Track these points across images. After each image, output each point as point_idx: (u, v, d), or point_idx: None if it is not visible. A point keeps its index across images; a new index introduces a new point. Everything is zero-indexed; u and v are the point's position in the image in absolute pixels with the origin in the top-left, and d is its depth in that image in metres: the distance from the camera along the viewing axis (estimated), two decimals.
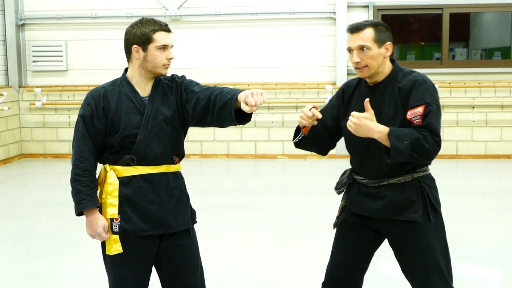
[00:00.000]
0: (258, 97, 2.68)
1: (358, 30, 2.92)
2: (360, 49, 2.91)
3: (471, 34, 11.80)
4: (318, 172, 9.09)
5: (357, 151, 3.02)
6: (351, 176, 3.11)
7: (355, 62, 2.93)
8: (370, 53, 2.90)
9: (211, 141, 10.09)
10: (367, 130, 2.80)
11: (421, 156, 2.77)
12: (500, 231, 5.89)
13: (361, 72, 2.95)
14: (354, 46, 2.92)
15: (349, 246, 3.10)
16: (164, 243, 2.97)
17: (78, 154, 2.88)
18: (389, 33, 2.97)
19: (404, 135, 2.75)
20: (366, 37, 2.91)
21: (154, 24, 2.88)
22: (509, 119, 9.61)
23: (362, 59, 2.91)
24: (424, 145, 2.75)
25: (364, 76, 2.97)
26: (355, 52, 2.92)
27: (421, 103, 2.81)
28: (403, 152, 2.74)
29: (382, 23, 2.99)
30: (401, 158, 2.77)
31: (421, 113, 2.80)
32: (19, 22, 10.22)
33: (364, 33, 2.91)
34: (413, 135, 2.75)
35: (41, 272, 4.93)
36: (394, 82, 2.95)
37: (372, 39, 2.90)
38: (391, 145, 2.75)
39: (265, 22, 9.93)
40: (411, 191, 2.93)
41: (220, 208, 6.94)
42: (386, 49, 2.94)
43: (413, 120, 2.81)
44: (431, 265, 2.95)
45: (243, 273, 4.84)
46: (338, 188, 3.17)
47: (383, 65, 2.96)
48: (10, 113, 10.09)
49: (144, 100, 2.92)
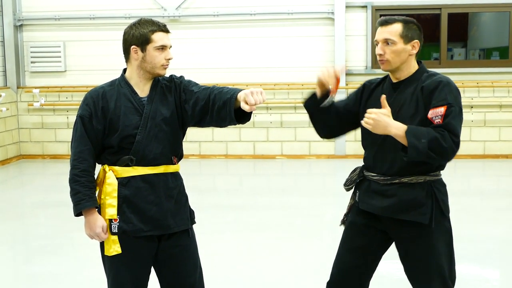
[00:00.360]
0: (258, 96, 2.68)
1: (388, 24, 2.94)
2: (385, 42, 2.92)
3: (469, 34, 11.81)
4: (317, 173, 9.09)
5: (372, 147, 3.01)
6: (361, 173, 3.10)
7: (378, 54, 2.95)
8: (394, 47, 2.91)
9: (210, 142, 10.09)
10: (384, 127, 2.79)
11: (438, 155, 2.75)
12: (498, 231, 5.90)
13: (382, 65, 2.97)
14: (379, 39, 2.95)
15: (356, 248, 3.09)
16: (163, 244, 2.97)
17: (77, 155, 2.88)
18: (419, 32, 2.98)
19: (422, 133, 2.74)
20: (393, 31, 2.92)
21: (153, 24, 2.88)
22: (507, 119, 9.62)
23: (385, 52, 2.92)
24: (442, 145, 2.73)
25: (384, 69, 2.98)
26: (380, 44, 2.94)
27: (444, 104, 2.79)
28: (420, 150, 2.72)
29: (414, 21, 2.98)
30: (418, 156, 2.74)
31: (442, 113, 2.78)
32: (17, 22, 10.22)
33: (392, 27, 2.92)
34: (431, 134, 2.73)
35: (39, 273, 4.93)
36: (418, 81, 2.95)
37: (399, 34, 2.91)
38: (408, 143, 2.73)
39: (263, 23, 9.93)
40: (421, 192, 2.91)
41: (218, 209, 6.94)
42: (412, 46, 2.94)
43: (434, 120, 2.79)
44: (433, 269, 2.93)
45: (242, 274, 4.83)
46: (347, 184, 3.16)
47: (408, 63, 2.96)
48: (8, 114, 10.08)
49: (143, 100, 2.92)
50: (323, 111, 3.10)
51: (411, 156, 2.74)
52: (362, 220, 3.08)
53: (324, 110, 3.10)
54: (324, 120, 3.15)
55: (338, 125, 3.18)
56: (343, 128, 3.21)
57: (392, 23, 2.93)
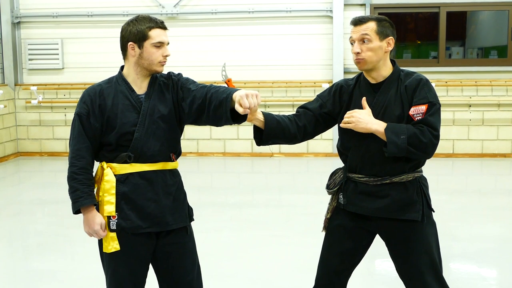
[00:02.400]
0: (252, 99, 2.67)
1: (362, 23, 2.95)
2: (361, 40, 2.93)
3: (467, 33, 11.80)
4: (315, 171, 9.10)
5: (358, 149, 3.00)
6: (345, 175, 3.09)
7: (355, 52, 2.94)
8: (371, 45, 2.92)
9: (208, 139, 10.08)
10: (366, 124, 2.85)
11: (418, 150, 2.82)
12: (496, 229, 5.90)
13: (358, 64, 2.96)
14: (355, 37, 2.95)
15: (344, 251, 3.08)
16: (161, 241, 2.97)
17: (75, 152, 2.87)
18: (392, 29, 2.99)
19: (401, 130, 2.81)
20: (369, 28, 2.92)
21: (150, 21, 2.87)
22: (505, 118, 9.63)
23: (362, 50, 2.93)
24: (421, 140, 2.80)
25: (362, 68, 2.98)
26: (356, 43, 2.94)
27: (425, 102, 2.87)
28: (400, 146, 2.79)
29: (387, 19, 3.01)
30: (398, 152, 2.81)
31: (423, 110, 2.85)
32: (14, 20, 10.20)
33: (367, 25, 2.94)
34: (410, 130, 2.81)
35: (37, 270, 4.92)
36: (398, 80, 2.97)
37: (374, 31, 2.92)
38: (387, 139, 2.80)
39: (261, 20, 9.92)
40: (413, 190, 2.95)
41: (216, 206, 6.94)
42: (387, 43, 2.96)
43: (415, 117, 2.86)
44: (428, 264, 2.95)
45: (240, 271, 4.83)
46: (331, 188, 3.15)
47: (384, 60, 2.97)
48: (6, 111, 10.06)
49: (141, 97, 2.92)
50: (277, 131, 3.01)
51: (391, 152, 2.81)
52: (351, 222, 3.06)
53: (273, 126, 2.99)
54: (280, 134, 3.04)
55: (313, 126, 3.10)
56: (318, 129, 3.14)
57: (366, 21, 2.94)
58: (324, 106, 3.11)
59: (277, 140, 3.08)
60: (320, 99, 3.14)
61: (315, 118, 3.10)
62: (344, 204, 3.08)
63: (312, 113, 3.10)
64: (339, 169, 3.15)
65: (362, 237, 3.07)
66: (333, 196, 3.15)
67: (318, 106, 3.12)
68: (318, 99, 3.15)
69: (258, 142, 3.08)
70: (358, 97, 3.02)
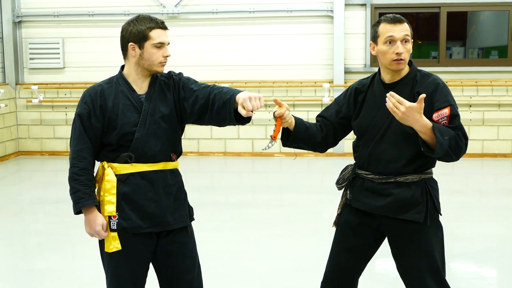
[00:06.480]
0: (256, 102, 2.68)
1: (402, 21, 2.90)
2: (403, 41, 2.89)
3: (468, 33, 11.80)
4: (315, 170, 9.10)
5: (367, 146, 3.01)
6: (354, 171, 3.11)
7: (398, 52, 2.87)
8: (409, 46, 2.91)
9: (208, 139, 10.09)
10: (413, 121, 2.75)
11: (454, 154, 2.81)
12: (496, 229, 5.91)
13: (399, 65, 2.90)
14: (399, 36, 2.87)
15: (351, 248, 3.09)
16: (161, 241, 2.97)
17: (76, 153, 2.87)
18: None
19: (445, 131, 2.78)
20: (408, 28, 2.91)
21: (151, 21, 2.87)
22: (506, 118, 9.63)
23: (403, 51, 2.88)
24: (459, 144, 2.81)
25: (400, 69, 2.93)
26: (399, 43, 2.87)
27: (447, 105, 2.85)
28: (444, 147, 2.76)
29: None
30: (441, 153, 2.78)
31: (447, 114, 2.84)
32: (16, 19, 10.20)
33: (405, 25, 2.90)
34: (451, 133, 2.80)
35: (38, 269, 4.93)
36: (413, 82, 2.95)
37: (410, 32, 2.92)
38: (436, 139, 2.74)
39: (262, 20, 9.93)
40: (417, 191, 2.94)
41: (217, 206, 6.94)
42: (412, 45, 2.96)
43: (440, 122, 2.83)
44: (429, 266, 2.95)
45: (240, 271, 4.84)
46: (340, 183, 3.16)
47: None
48: (7, 110, 10.07)
49: (141, 97, 2.92)
50: (301, 133, 3.05)
51: (438, 152, 2.77)
52: (356, 219, 3.07)
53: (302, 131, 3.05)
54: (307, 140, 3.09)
55: (334, 134, 3.14)
56: (340, 134, 3.17)
57: (404, 21, 2.91)
58: (340, 111, 3.12)
59: (303, 145, 3.12)
60: (337, 104, 3.15)
61: (333, 128, 3.13)
62: (350, 199, 3.10)
63: (330, 122, 3.12)
64: (350, 165, 3.17)
65: (368, 234, 3.07)
66: (344, 191, 3.17)
67: (335, 113, 3.12)
68: (335, 104, 3.16)
69: (285, 143, 3.11)
70: (370, 97, 3.02)
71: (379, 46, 2.93)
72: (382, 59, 2.94)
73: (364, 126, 3.02)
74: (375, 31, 2.96)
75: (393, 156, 2.92)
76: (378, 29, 2.93)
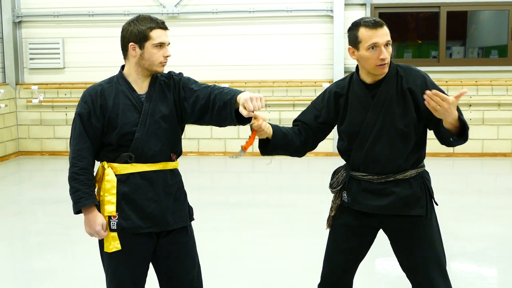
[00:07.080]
0: (257, 102, 2.68)
1: (382, 25, 2.87)
2: (386, 45, 2.87)
3: (468, 33, 11.80)
4: (315, 170, 9.10)
5: (361, 149, 2.99)
6: (347, 174, 3.10)
7: (383, 58, 2.85)
8: (390, 48, 2.90)
9: (208, 139, 10.09)
10: (450, 114, 2.74)
11: (464, 142, 2.89)
12: (496, 229, 5.91)
13: (383, 69, 2.89)
14: (382, 42, 2.84)
15: (350, 249, 3.09)
16: (161, 241, 2.97)
17: (76, 153, 2.87)
18: None
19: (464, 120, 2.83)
20: (388, 32, 2.89)
21: (151, 21, 2.87)
22: (505, 117, 9.63)
23: (387, 55, 2.87)
24: (468, 134, 2.86)
25: (385, 72, 2.92)
26: (383, 48, 2.85)
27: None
28: (467, 135, 2.84)
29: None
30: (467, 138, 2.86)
31: None
32: (16, 19, 10.21)
33: (386, 29, 2.89)
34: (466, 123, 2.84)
35: (37, 269, 4.93)
36: (397, 78, 2.95)
37: (389, 34, 2.90)
38: (465, 126, 2.81)
39: (262, 20, 9.93)
40: (416, 186, 2.97)
41: (217, 206, 6.94)
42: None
43: None
44: (434, 259, 2.97)
45: (240, 271, 4.84)
46: (334, 187, 3.15)
47: None
48: (7, 110, 10.07)
49: (141, 97, 2.92)
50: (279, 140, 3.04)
51: (466, 138, 2.85)
52: (356, 221, 3.06)
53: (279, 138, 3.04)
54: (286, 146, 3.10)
55: (312, 139, 3.13)
56: (317, 140, 3.16)
57: (383, 24, 2.88)
58: (319, 115, 3.10)
59: (282, 152, 3.12)
60: (315, 108, 3.12)
61: (313, 132, 3.11)
62: (348, 202, 3.08)
63: (308, 126, 3.10)
64: (341, 167, 3.16)
65: (367, 234, 3.08)
66: (336, 194, 3.15)
67: (314, 118, 3.10)
68: (313, 109, 3.13)
69: (263, 152, 3.10)
70: (354, 100, 3.00)
71: (361, 52, 2.89)
72: (365, 64, 2.91)
73: (354, 130, 2.99)
74: (355, 36, 2.90)
75: (391, 155, 2.92)
76: (358, 34, 2.88)
